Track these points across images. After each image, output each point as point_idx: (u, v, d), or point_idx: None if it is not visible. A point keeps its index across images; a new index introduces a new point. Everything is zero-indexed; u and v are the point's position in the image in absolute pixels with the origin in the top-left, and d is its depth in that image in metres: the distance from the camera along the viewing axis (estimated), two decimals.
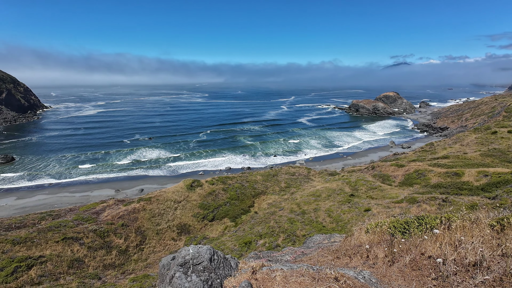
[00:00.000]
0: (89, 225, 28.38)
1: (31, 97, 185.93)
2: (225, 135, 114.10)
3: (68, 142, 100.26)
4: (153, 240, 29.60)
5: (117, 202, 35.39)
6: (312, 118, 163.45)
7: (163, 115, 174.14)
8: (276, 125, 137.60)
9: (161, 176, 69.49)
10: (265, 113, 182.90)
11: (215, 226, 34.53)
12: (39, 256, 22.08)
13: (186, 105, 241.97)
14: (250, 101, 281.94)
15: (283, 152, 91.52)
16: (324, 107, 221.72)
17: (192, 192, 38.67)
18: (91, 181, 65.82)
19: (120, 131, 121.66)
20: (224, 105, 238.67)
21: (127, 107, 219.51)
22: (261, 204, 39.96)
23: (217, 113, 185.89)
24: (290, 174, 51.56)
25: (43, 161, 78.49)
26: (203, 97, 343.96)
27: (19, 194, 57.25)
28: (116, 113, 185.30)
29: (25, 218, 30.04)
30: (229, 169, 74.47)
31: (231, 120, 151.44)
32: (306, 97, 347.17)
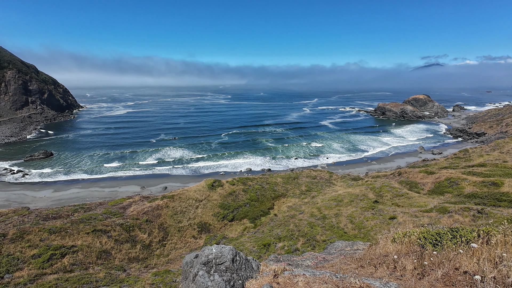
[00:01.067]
0: (116, 219, 29.88)
1: (69, 97, 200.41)
2: (246, 137, 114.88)
3: (100, 140, 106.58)
4: (175, 237, 30.46)
5: (142, 198, 36.92)
6: (335, 121, 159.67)
7: (187, 116, 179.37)
8: (298, 128, 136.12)
9: (184, 175, 71.47)
10: (287, 115, 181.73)
11: (234, 226, 34.81)
12: (71, 246, 23.61)
13: (209, 106, 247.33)
14: (272, 103, 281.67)
15: (304, 155, 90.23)
16: (348, 110, 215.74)
17: (213, 192, 39.31)
18: (119, 177, 69.33)
19: (147, 131, 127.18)
20: (246, 107, 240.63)
21: (154, 108, 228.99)
22: (281, 206, 39.65)
23: (239, 114, 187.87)
24: (311, 178, 50.65)
25: (77, 158, 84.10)
26: (226, 98, 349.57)
27: (56, 187, 61.77)
28: (144, 113, 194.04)
29: (60, 210, 32.33)
30: (249, 170, 74.81)
31: (253, 122, 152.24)
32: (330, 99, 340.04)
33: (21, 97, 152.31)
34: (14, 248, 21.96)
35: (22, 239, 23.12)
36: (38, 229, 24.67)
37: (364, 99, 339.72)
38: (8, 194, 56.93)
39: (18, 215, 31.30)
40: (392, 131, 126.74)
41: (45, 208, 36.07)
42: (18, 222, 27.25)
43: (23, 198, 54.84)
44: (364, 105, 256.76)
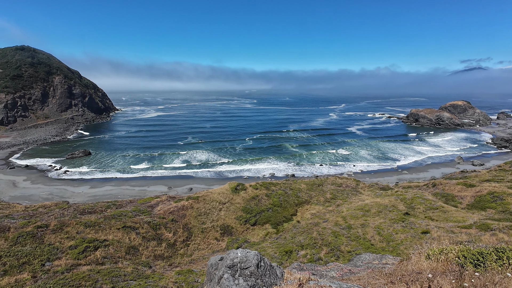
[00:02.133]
0: (144, 217, 31.27)
1: (106, 100, 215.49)
2: (271, 142, 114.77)
3: (132, 142, 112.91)
4: (198, 238, 31.10)
5: (169, 198, 38.29)
6: (363, 127, 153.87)
7: (213, 120, 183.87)
8: (324, 134, 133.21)
9: (209, 178, 73.02)
10: (312, 121, 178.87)
11: (256, 230, 34.70)
12: (103, 240, 25.10)
13: (235, 110, 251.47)
14: (298, 108, 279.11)
15: (330, 161, 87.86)
16: (377, 116, 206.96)
17: (236, 195, 39.63)
18: (148, 177, 72.69)
19: (175, 133, 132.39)
20: (272, 112, 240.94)
21: (182, 111, 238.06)
22: (304, 213, 38.83)
23: (264, 119, 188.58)
24: (337, 185, 49.08)
25: (111, 157, 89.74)
26: (251, 103, 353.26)
27: (92, 184, 66.33)
28: (173, 116, 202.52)
29: (95, 205, 34.59)
30: (273, 175, 74.44)
31: (278, 127, 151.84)
32: (358, 105, 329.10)
33: (66, 100, 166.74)
34: (54, 239, 23.85)
35: (61, 231, 25.05)
36: (75, 222, 26.59)
37: (395, 105, 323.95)
38: (51, 188, 62.22)
39: (59, 208, 34.03)
40: (426, 139, 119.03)
41: (82, 203, 38.83)
42: (58, 215, 29.61)
43: (63, 193, 59.58)
44: (395, 111, 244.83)
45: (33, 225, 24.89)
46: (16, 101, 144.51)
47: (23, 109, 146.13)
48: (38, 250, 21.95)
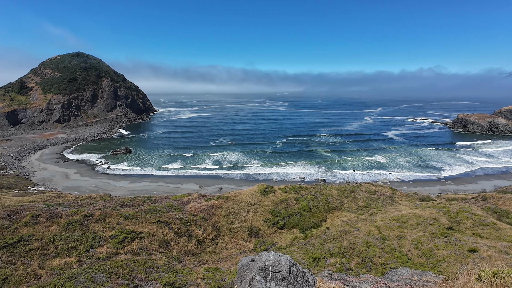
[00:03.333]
0: (177, 213, 32.70)
1: (147, 102, 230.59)
2: (301, 145, 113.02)
3: (167, 141, 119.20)
4: (226, 237, 31.64)
5: (200, 196, 39.59)
6: (401, 132, 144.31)
7: (245, 121, 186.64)
8: (357, 138, 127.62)
9: (238, 178, 74.11)
10: (346, 125, 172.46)
11: (284, 234, 34.30)
12: (139, 232, 26.74)
13: (266, 113, 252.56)
14: (330, 111, 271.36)
15: (363, 168, 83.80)
16: (418, 121, 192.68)
17: (265, 197, 39.62)
18: (181, 175, 76.03)
19: (207, 135, 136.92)
20: (303, 114, 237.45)
21: (215, 113, 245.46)
22: (334, 220, 37.46)
23: (295, 122, 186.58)
24: (371, 193, 46.56)
25: (149, 155, 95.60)
26: (283, 105, 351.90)
27: (131, 179, 71.28)
28: (206, 118, 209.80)
29: (133, 199, 37.08)
30: (302, 179, 73.14)
31: (309, 130, 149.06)
32: (396, 108, 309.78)
33: (112, 101, 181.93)
34: (97, 227, 26.03)
35: (104, 221, 27.26)
36: (116, 213, 28.74)
37: (440, 109, 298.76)
38: (96, 181, 68.17)
39: (102, 200, 37.10)
40: (476, 148, 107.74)
41: (122, 197, 41.88)
42: (102, 206, 32.28)
43: (107, 186, 64.89)
44: (439, 116, 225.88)
45: (81, 214, 27.43)
46: (71, 102, 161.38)
47: (76, 109, 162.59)
48: (84, 237, 24.14)
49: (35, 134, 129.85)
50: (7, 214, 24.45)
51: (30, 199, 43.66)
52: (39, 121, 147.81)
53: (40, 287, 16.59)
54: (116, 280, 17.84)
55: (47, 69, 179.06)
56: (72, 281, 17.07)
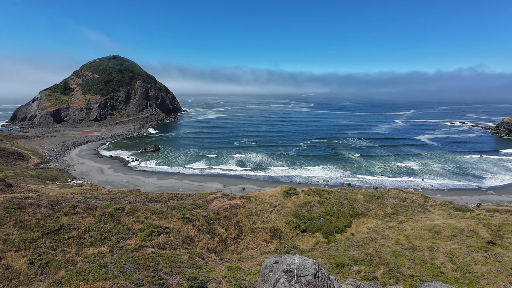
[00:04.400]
0: (201, 210, 33.61)
1: (175, 102, 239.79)
2: (326, 147, 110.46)
3: (193, 141, 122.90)
4: (248, 237, 31.86)
5: (223, 195, 40.30)
6: (436, 136, 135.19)
7: (269, 123, 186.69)
8: (386, 142, 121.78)
9: (261, 179, 74.29)
10: (374, 127, 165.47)
11: (306, 238, 33.74)
12: (165, 227, 27.88)
13: (291, 114, 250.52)
14: (358, 113, 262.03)
15: (392, 173, 79.79)
16: (456, 125, 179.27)
17: (288, 199, 39.29)
18: (205, 174, 77.98)
19: (231, 135, 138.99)
20: (329, 116, 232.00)
21: (240, 114, 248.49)
22: (359, 226, 36.09)
23: (320, 123, 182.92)
24: (400, 200, 44.17)
25: (176, 153, 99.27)
26: (308, 107, 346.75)
27: (159, 176, 74.52)
28: (231, 118, 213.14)
29: (161, 195, 38.74)
30: (327, 182, 71.43)
31: (335, 133, 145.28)
32: (431, 111, 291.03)
33: (143, 102, 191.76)
34: (128, 221, 27.59)
35: (133, 215, 28.82)
36: (144, 208, 30.25)
37: (482, 112, 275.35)
38: (128, 177, 72.24)
39: (132, 195, 39.24)
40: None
41: (151, 192, 43.94)
42: (132, 200, 34.15)
43: (137, 182, 68.49)
44: (480, 119, 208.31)
45: (113, 207, 29.24)
46: (107, 102, 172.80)
47: (111, 108, 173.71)
48: (115, 229, 25.71)
49: (75, 131, 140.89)
50: (50, 204, 26.79)
51: (70, 191, 47.44)
52: (79, 119, 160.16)
53: (76, 272, 17.96)
54: (143, 272, 18.76)
55: (87, 71, 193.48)
56: (104, 270, 18.25)
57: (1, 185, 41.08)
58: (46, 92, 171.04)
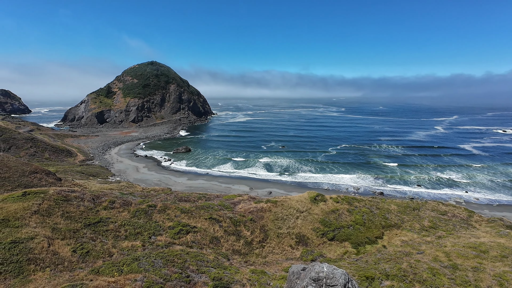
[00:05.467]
0: (227, 212, 34.15)
1: (206, 105, 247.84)
2: (356, 153, 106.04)
3: (222, 143, 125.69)
4: (273, 242, 31.62)
5: (250, 198, 40.54)
6: (484, 145, 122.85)
7: (297, 127, 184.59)
8: (424, 150, 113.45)
9: (288, 184, 73.47)
10: (410, 133, 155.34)
11: (334, 246, 32.53)
12: (193, 226, 28.77)
13: (320, 118, 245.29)
14: (393, 118, 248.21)
15: (431, 183, 74.01)
16: (509, 133, 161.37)
17: (315, 205, 38.32)
18: (233, 176, 79.16)
19: (259, 138, 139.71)
20: (360, 121, 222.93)
21: (268, 118, 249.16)
22: (392, 238, 33.92)
23: (351, 129, 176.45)
24: (439, 213, 40.75)
25: (205, 155, 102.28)
26: (339, 111, 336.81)
27: (189, 176, 77.29)
28: (259, 122, 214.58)
29: (190, 195, 40.12)
30: (357, 189, 68.44)
31: (367, 138, 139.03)
32: (478, 117, 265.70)
33: (177, 105, 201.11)
34: (159, 218, 28.96)
35: (164, 212, 30.19)
36: (174, 207, 31.55)
37: None
38: (160, 176, 76.01)
39: (164, 193, 41.16)
40: None
41: (181, 192, 45.69)
42: (163, 199, 35.82)
43: (168, 181, 71.74)
44: None
45: (146, 204, 30.93)
46: (144, 105, 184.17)
47: (148, 111, 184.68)
48: (147, 225, 27.14)
49: (116, 131, 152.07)
50: (92, 198, 29.13)
51: (109, 187, 51.17)
52: (119, 120, 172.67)
53: (112, 263, 19.24)
54: (171, 268, 19.51)
55: (128, 76, 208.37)
56: (136, 263, 19.32)
57: (52, 178, 45.65)
58: (92, 95, 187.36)
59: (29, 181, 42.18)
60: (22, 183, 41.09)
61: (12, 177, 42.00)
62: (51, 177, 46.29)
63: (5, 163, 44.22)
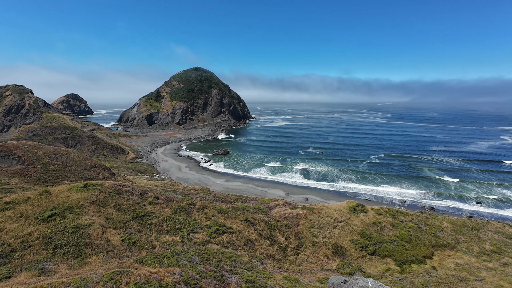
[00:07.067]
0: (262, 215, 34.22)
1: (245, 109, 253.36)
2: (403, 162, 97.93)
3: (260, 147, 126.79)
4: (308, 250, 30.70)
5: (286, 203, 40.09)
6: None
7: (337, 133, 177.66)
8: (487, 164, 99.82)
9: (325, 191, 70.93)
10: (469, 144, 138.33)
11: (374, 262, 30.33)
12: (229, 227, 29.42)
13: (363, 124, 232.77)
14: (447, 126, 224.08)
15: (494, 201, 64.76)
16: None
17: (354, 216, 36.29)
18: (269, 180, 79.19)
19: (297, 143, 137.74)
20: (409, 128, 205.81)
21: (307, 122, 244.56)
22: (444, 260, 30.39)
23: (397, 136, 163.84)
24: (505, 236, 35.34)
25: (242, 158, 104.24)
26: (384, 117, 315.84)
27: (227, 177, 79.50)
28: (298, 126, 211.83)
29: (227, 196, 41.20)
30: (402, 202, 63.06)
31: (415, 147, 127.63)
32: None
33: (218, 108, 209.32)
34: (197, 216, 30.28)
35: (202, 211, 31.48)
36: (212, 206, 32.69)
37: None
38: (200, 176, 79.58)
39: (203, 193, 42.94)
40: None
41: (218, 192, 47.21)
42: (202, 198, 37.38)
43: (207, 181, 74.73)
44: None
45: (186, 202, 32.60)
46: (188, 108, 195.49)
47: (191, 114, 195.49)
48: (187, 222, 28.55)
49: (162, 132, 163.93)
50: (140, 193, 31.70)
51: (154, 183, 55.24)
52: (166, 122, 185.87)
53: (154, 255, 20.63)
54: (207, 266, 20.17)
55: (175, 81, 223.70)
56: (175, 257, 20.41)
57: (107, 173, 50.93)
58: (143, 99, 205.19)
59: (89, 174, 47.69)
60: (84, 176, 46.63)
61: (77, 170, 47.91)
62: (107, 171, 51.65)
63: (72, 158, 50.68)
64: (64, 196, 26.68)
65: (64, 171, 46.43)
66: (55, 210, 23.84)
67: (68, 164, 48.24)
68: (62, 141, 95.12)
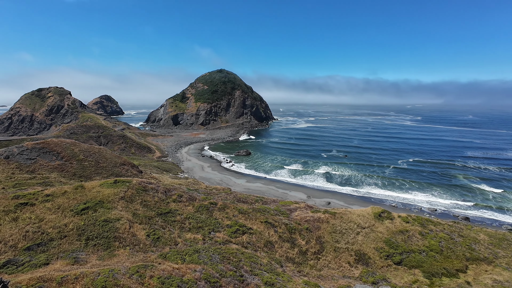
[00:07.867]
0: (283, 218, 33.95)
1: (267, 111, 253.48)
2: (434, 168, 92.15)
3: (282, 149, 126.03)
4: (330, 255, 29.93)
5: (307, 207, 39.44)
6: None
7: (362, 136, 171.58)
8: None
9: (349, 195, 68.75)
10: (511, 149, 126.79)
11: (400, 272, 28.80)
12: (249, 228, 29.55)
13: (390, 127, 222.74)
14: (485, 130, 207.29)
15: None
16: None
17: (379, 223, 34.76)
18: (290, 182, 78.38)
19: (320, 146, 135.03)
20: (441, 132, 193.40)
21: (331, 124, 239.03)
22: (480, 275, 28.09)
23: (428, 141, 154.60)
24: None
25: (264, 159, 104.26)
26: (414, 120, 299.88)
27: (248, 178, 79.96)
28: (321, 128, 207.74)
29: (248, 197, 41.43)
30: (433, 211, 59.31)
31: (448, 152, 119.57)
32: None
33: (240, 110, 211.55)
34: (219, 215, 30.78)
35: (223, 211, 31.94)
36: (233, 206, 33.06)
37: None
38: (222, 176, 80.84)
39: (224, 193, 43.56)
40: None
41: (239, 193, 47.63)
42: (223, 198, 37.94)
43: (229, 181, 75.71)
44: None
45: (208, 201, 33.28)
46: (211, 109, 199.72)
47: (214, 115, 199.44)
48: (208, 221, 29.13)
49: (187, 133, 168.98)
50: (164, 190, 32.90)
51: (178, 182, 57.03)
52: (190, 123, 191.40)
53: (177, 251, 21.28)
54: (227, 265, 20.41)
55: (199, 83, 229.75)
56: (196, 254, 20.90)
57: (135, 170, 53.47)
58: (170, 100, 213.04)
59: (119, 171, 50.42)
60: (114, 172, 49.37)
61: (108, 166, 50.85)
62: (135, 169, 54.25)
63: (104, 155, 53.89)
64: (96, 191, 28.45)
65: (97, 167, 49.57)
66: (88, 203, 25.50)
67: (100, 161, 51.43)
68: (95, 139, 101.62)
